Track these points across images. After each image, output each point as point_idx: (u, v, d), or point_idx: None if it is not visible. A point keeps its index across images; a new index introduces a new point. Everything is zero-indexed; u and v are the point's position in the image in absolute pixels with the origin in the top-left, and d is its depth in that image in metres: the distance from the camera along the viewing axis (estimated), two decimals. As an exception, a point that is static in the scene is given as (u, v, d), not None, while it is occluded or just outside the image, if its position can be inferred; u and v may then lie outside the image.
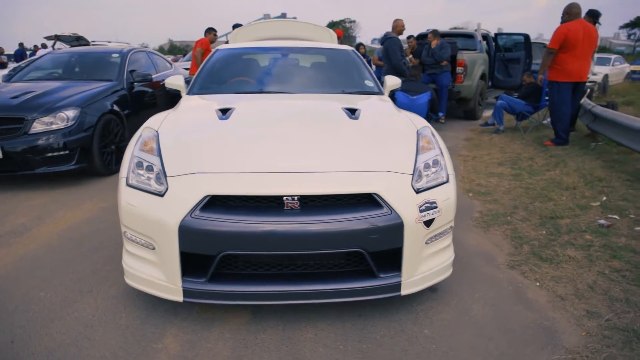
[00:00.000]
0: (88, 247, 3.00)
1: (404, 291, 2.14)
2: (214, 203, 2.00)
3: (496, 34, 10.36)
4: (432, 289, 2.44)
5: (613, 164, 4.72)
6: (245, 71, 3.64)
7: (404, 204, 2.07)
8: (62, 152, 4.10)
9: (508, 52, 10.17)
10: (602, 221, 3.31)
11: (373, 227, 2.00)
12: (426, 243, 2.17)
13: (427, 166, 2.28)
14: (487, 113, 9.73)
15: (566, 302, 2.37)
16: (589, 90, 6.72)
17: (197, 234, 1.95)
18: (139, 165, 2.21)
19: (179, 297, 2.05)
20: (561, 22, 5.34)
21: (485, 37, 9.95)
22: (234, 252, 1.98)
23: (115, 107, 4.75)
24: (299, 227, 1.95)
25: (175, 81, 3.58)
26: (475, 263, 2.83)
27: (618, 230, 3.17)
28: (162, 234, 2.00)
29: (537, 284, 2.57)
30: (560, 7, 5.41)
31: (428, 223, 2.13)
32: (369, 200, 2.07)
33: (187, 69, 7.97)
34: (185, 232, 1.95)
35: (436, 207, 2.15)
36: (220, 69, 3.62)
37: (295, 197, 1.99)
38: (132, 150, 2.33)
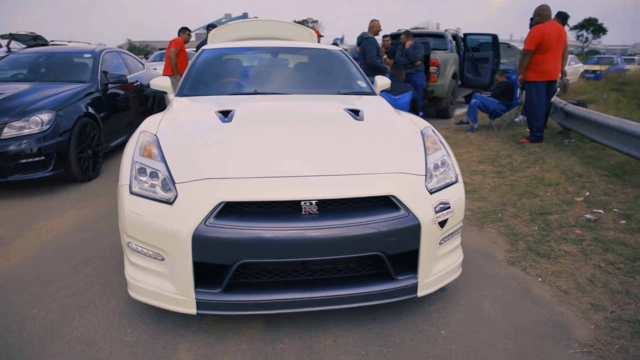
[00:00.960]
0: (77, 259, 2.82)
1: (420, 293, 2.13)
2: (228, 210, 1.92)
3: (465, 34, 10.63)
4: (441, 289, 2.44)
5: (589, 159, 4.93)
6: (237, 72, 3.54)
7: (420, 205, 2.06)
8: (37, 159, 3.85)
9: (476, 52, 10.45)
10: (588, 216, 3.43)
11: (392, 229, 1.98)
12: (439, 244, 2.17)
13: (436, 167, 2.29)
14: (458, 112, 9.97)
15: (570, 297, 2.43)
16: (558, 89, 6.99)
17: (212, 243, 1.87)
18: (142, 171, 2.10)
19: (192, 310, 1.96)
20: (533, 24, 5.53)
21: (454, 37, 10.19)
22: (251, 260, 1.90)
23: (91, 110, 4.51)
24: (319, 232, 1.90)
25: (161, 82, 3.45)
26: (476, 261, 2.86)
27: (605, 224, 3.30)
28: (173, 244, 1.90)
29: (539, 279, 2.63)
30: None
31: (442, 224, 2.13)
32: (385, 203, 2.05)
33: (154, 69, 7.73)
34: (199, 241, 1.86)
35: (449, 208, 2.16)
36: (210, 70, 3.50)
37: (313, 202, 1.94)
38: (132, 156, 2.21)
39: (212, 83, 3.38)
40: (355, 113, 2.65)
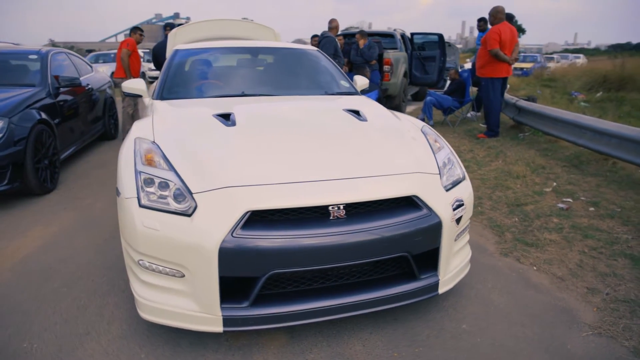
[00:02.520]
0: (58, 281, 2.56)
1: (441, 290, 2.16)
2: (253, 219, 1.82)
3: (412, 34, 10.98)
4: (451, 284, 2.50)
5: (546, 152, 5.27)
6: (219, 73, 3.39)
7: (440, 203, 2.08)
8: (-11, 172, 3.45)
9: (423, 51, 10.84)
10: (561, 205, 3.67)
11: (417, 229, 1.98)
12: (454, 240, 2.21)
13: (444, 164, 2.33)
14: (409, 109, 10.29)
15: (567, 282, 2.58)
16: (508, 85, 7.42)
17: (240, 256, 1.76)
18: (149, 182, 1.94)
19: (218, 328, 1.84)
20: (490, 24, 5.82)
21: (402, 36, 10.49)
22: (282, 270, 1.82)
23: (45, 116, 4.12)
24: (350, 237, 1.86)
25: (135, 85, 3.22)
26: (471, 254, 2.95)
27: (576, 212, 3.54)
28: (195, 259, 1.77)
29: (534, 268, 2.76)
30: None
31: (458, 221, 2.17)
32: (406, 203, 2.05)
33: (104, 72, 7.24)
34: (226, 254, 1.75)
35: (463, 205, 2.20)
36: (190, 72, 3.33)
37: (341, 206, 1.89)
38: (134, 165, 2.03)
39: (193, 85, 3.20)
40: (356, 113, 2.63)
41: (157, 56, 6.41)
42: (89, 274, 2.63)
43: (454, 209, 2.14)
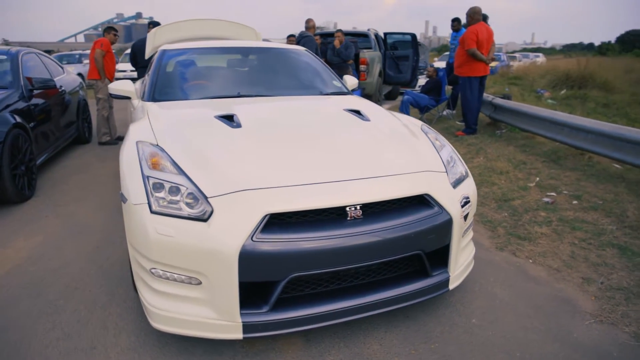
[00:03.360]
0: (52, 294, 2.44)
1: (451, 285, 2.19)
2: (270, 222, 1.79)
3: (385, 34, 11.11)
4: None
5: (524, 148, 5.45)
6: (211, 73, 3.32)
7: (449, 201, 2.11)
8: (-36, 180, 3.24)
9: (396, 50, 10.99)
10: (546, 199, 3.80)
11: (430, 227, 2.00)
12: (462, 237, 2.25)
13: (448, 162, 2.36)
14: (384, 108, 10.38)
15: (563, 273, 2.68)
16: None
17: (260, 260, 1.73)
18: (158, 187, 1.87)
19: (237, 335, 1.80)
20: (467, 24, 5.96)
21: (375, 36, 10.61)
22: (302, 273, 1.80)
23: (20, 120, 3.91)
24: (367, 237, 1.86)
25: (123, 87, 3.12)
26: (469, 249, 3.01)
27: (561, 206, 3.68)
28: (214, 265, 1.73)
29: (530, 261, 2.85)
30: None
31: (465, 217, 2.21)
32: (417, 202, 2.07)
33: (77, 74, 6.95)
34: (247, 259, 1.71)
35: (469, 201, 2.25)
36: (181, 72, 3.24)
37: (358, 206, 1.89)
38: (140, 169, 1.96)
39: (186, 86, 3.12)
40: (357, 113, 2.64)
41: (137, 54, 6.20)
42: (84, 285, 2.52)
43: (462, 206, 2.18)
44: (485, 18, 6.59)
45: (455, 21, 8.03)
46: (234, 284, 1.74)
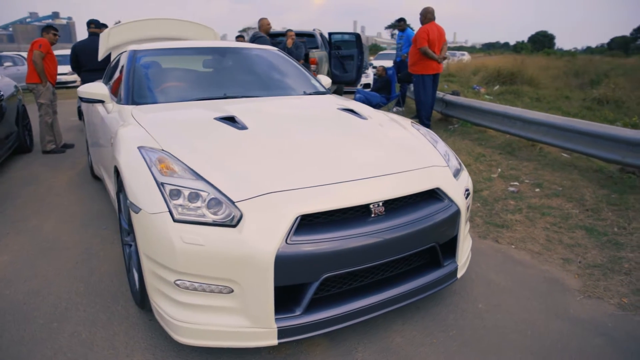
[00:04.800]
0: (42, 317, 2.23)
1: (459, 274, 2.30)
2: (300, 223, 1.78)
3: (329, 33, 11.26)
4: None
5: (480, 141, 5.80)
6: (191, 75, 3.18)
7: (455, 193, 2.22)
8: None
9: (340, 50, 11.18)
10: (511, 189, 4.08)
11: (443, 219, 2.09)
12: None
13: (445, 156, 2.47)
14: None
15: (544, 256, 2.90)
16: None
17: (295, 263, 1.71)
18: (175, 194, 1.78)
19: (272, 341, 1.76)
20: (420, 23, 6.21)
21: (320, 35, 10.72)
22: (334, 273, 1.80)
23: (-38, 129, 3.51)
24: (391, 233, 1.90)
25: (95, 90, 2.92)
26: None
27: (526, 194, 3.97)
28: (248, 271, 1.68)
29: (513, 246, 3.06)
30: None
31: (467, 208, 2.33)
32: (428, 196, 2.15)
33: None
34: (282, 262, 1.69)
35: (470, 192, 2.37)
36: (158, 74, 3.08)
37: (380, 203, 1.93)
38: (153, 177, 1.85)
39: (166, 88, 2.98)
40: (353, 112, 2.67)
41: (79, 56, 5.76)
42: (75, 304, 2.33)
43: (466, 198, 2.29)
44: (403, 21, 6.96)
45: (401, 21, 8.32)
46: (269, 289, 1.70)
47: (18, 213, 3.64)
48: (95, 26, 6.14)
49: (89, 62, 5.58)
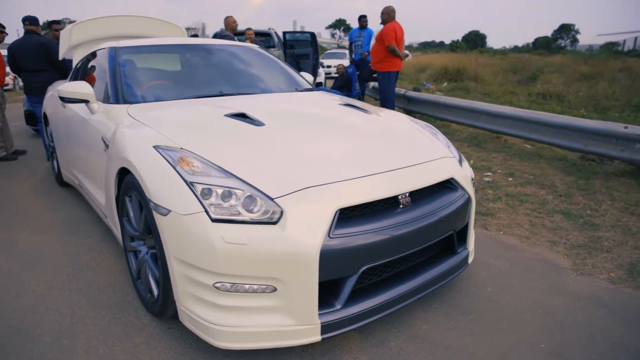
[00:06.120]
0: (47, 334, 2.05)
1: (469, 260, 2.40)
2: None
3: (284, 32, 11.22)
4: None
5: (446, 135, 5.99)
6: (182, 72, 3.05)
7: (465, 182, 2.33)
8: None
9: (295, 49, 11.18)
10: (487, 179, 4.30)
11: (459, 207, 2.18)
12: (471, 215, 2.48)
13: (448, 146, 2.57)
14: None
15: (532, 240, 3.10)
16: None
17: (338, 256, 1.72)
18: (207, 192, 1.72)
19: (316, 337, 1.76)
20: (382, 22, 6.35)
21: (275, 35, 10.67)
22: (372, 265, 1.83)
23: None
24: (419, 222, 1.96)
25: (79, 89, 2.73)
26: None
27: (501, 183, 4.20)
28: (294, 268, 1.67)
29: (501, 232, 3.23)
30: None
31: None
32: (443, 186, 2.23)
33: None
34: (326, 257, 1.69)
35: (473, 180, 2.49)
36: (146, 72, 2.93)
37: (407, 194, 1.98)
38: (180, 176, 1.77)
39: (157, 86, 2.84)
40: (354, 107, 2.70)
41: (15, 57, 5.21)
42: (81, 319, 2.17)
43: (473, 186, 2.40)
44: (365, 18, 7.21)
45: (363, 18, 8.45)
46: (313, 285, 1.69)
47: (-18, 226, 3.31)
48: (30, 23, 5.63)
49: (27, 62, 5.06)
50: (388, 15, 6.30)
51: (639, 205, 3.51)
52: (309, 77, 3.73)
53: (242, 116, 2.29)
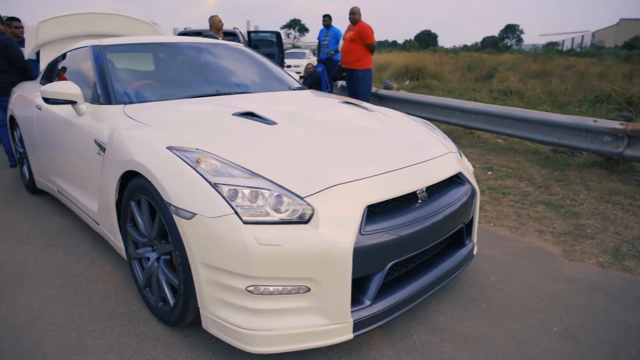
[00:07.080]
0: (53, 352, 1.92)
1: (474, 252, 2.48)
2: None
3: (249, 32, 11.09)
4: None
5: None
6: (175, 71, 2.94)
7: (470, 176, 2.40)
8: None
9: (261, 49, 11.08)
10: (467, 172, 4.43)
11: (467, 201, 2.25)
12: (473, 208, 2.56)
13: (447, 142, 2.64)
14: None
15: (521, 230, 3.24)
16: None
17: (369, 253, 1.73)
18: (233, 194, 1.68)
19: (348, 335, 1.76)
20: (352, 22, 6.40)
21: (241, 34, 10.54)
22: (398, 260, 1.85)
23: None
24: (437, 216, 2.00)
25: (66, 89, 2.57)
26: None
27: (482, 177, 4.36)
28: (327, 267, 1.66)
29: (491, 224, 3.36)
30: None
31: (476, 189, 2.52)
32: (451, 180, 2.29)
33: None
34: (358, 254, 1.69)
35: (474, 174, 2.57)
36: (136, 71, 2.80)
37: (424, 189, 2.01)
38: (203, 178, 1.72)
39: (150, 85, 2.72)
40: (355, 105, 2.72)
41: None
42: (88, 332, 2.05)
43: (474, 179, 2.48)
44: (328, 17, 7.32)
45: (327, 17, 8.48)
46: (347, 283, 1.69)
47: (-48, 239, 3.05)
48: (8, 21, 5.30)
49: None
50: (359, 15, 6.37)
51: (612, 193, 3.76)
52: (295, 76, 3.71)
53: (250, 115, 2.24)
